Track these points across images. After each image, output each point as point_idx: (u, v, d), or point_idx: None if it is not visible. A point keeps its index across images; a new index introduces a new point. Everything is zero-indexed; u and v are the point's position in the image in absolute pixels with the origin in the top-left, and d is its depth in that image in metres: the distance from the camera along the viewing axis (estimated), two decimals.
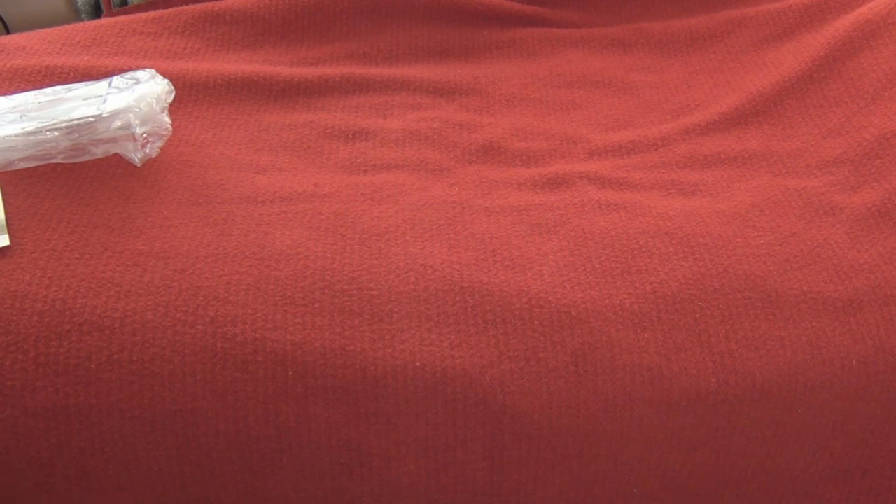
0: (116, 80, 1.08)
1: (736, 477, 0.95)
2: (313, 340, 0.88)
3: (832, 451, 0.95)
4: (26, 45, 1.26)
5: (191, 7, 1.36)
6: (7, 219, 0.97)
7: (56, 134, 1.01)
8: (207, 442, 0.87)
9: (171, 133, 1.06)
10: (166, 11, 1.35)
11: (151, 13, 1.35)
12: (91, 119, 1.02)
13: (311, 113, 1.20)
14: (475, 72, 1.29)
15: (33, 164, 1.02)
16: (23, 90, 1.13)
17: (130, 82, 1.07)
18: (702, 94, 1.25)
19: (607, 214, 1.03)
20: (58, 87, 1.10)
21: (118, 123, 1.02)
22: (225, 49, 1.31)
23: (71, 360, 0.86)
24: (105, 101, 1.04)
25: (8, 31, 1.88)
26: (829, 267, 0.97)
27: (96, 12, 1.87)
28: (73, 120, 1.02)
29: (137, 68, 1.12)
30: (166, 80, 1.08)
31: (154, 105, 1.04)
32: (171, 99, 1.08)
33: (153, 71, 1.10)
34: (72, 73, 1.18)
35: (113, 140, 1.03)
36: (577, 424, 0.89)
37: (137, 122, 1.02)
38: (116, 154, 1.05)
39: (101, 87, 1.08)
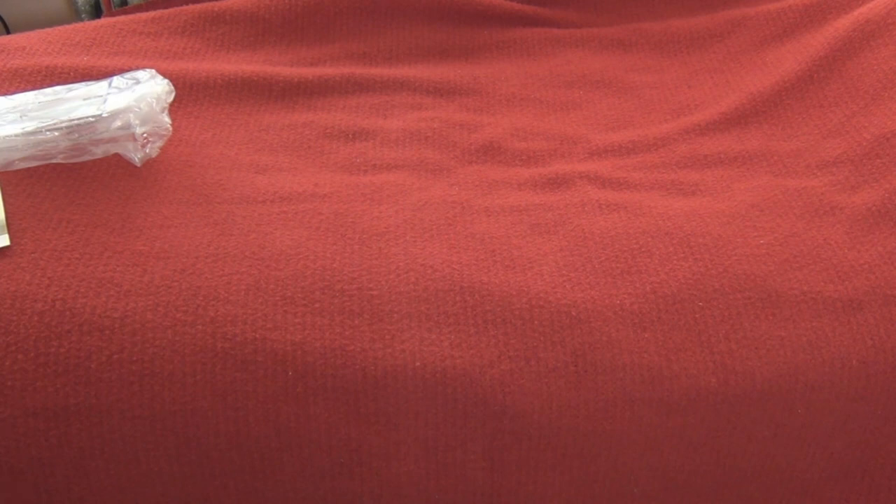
0: (116, 80, 1.08)
1: (736, 477, 0.95)
2: (313, 340, 0.88)
3: (832, 451, 0.95)
4: (26, 45, 1.26)
5: (191, 7, 1.36)
6: (7, 219, 0.97)
7: (56, 134, 1.01)
8: (207, 442, 0.87)
9: (171, 133, 1.07)
10: (166, 11, 1.35)
11: (151, 13, 1.35)
12: (91, 119, 1.02)
13: (311, 113, 1.20)
14: (475, 72, 1.29)
15: (33, 164, 1.03)
16: (23, 90, 1.13)
17: (130, 82, 1.07)
18: (702, 94, 1.25)
19: (607, 214, 1.03)
20: (58, 87, 1.10)
21: (118, 123, 1.02)
22: (225, 49, 1.31)
23: (71, 360, 0.86)
24: (105, 101, 1.04)
25: (8, 31, 1.88)
26: (829, 267, 0.97)
27: (96, 12, 1.87)
28: (73, 120, 1.02)
29: (137, 68, 1.12)
30: (166, 80, 1.08)
31: (154, 105, 1.04)
32: (171, 99, 1.08)
33: (153, 71, 1.10)
34: (72, 73, 1.18)
35: (113, 140, 1.03)
36: (577, 424, 0.89)
37: (137, 122, 1.02)
38: (116, 154, 1.05)
39: (101, 87, 1.08)
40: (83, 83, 1.10)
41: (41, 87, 1.14)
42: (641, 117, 1.22)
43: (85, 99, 1.05)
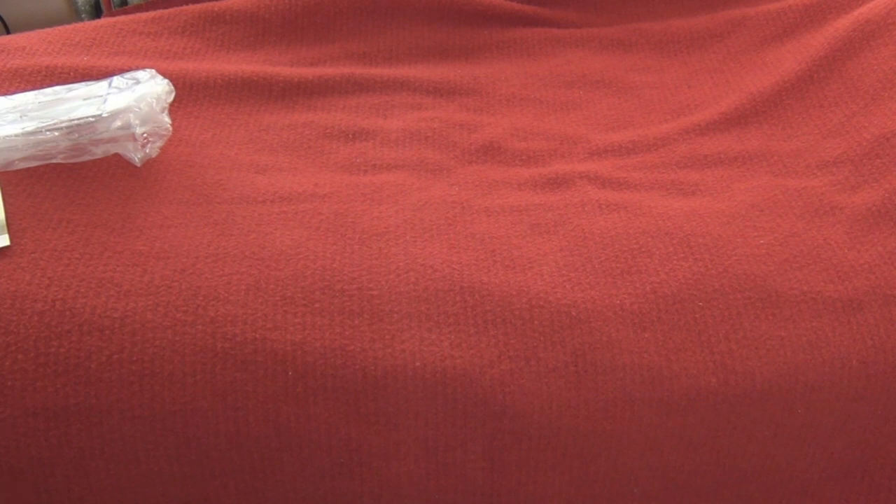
0: (116, 80, 1.08)
1: (736, 477, 0.95)
2: (313, 340, 0.88)
3: (832, 451, 0.95)
4: (26, 45, 1.26)
5: (191, 7, 1.36)
6: (7, 219, 0.97)
7: (56, 134, 1.01)
8: (207, 442, 0.87)
9: (171, 133, 1.07)
10: (166, 11, 1.35)
11: (151, 13, 1.35)
12: (91, 119, 1.02)
13: (311, 113, 1.20)
14: (475, 72, 1.29)
15: (33, 164, 1.03)
16: (23, 90, 1.13)
17: (130, 82, 1.07)
18: (702, 94, 1.25)
19: (607, 214, 1.03)
20: (58, 87, 1.10)
21: (118, 123, 1.02)
22: (225, 49, 1.31)
23: (71, 360, 0.86)
24: (105, 101, 1.04)
25: (8, 31, 1.88)
26: (829, 267, 0.97)
27: (96, 12, 1.87)
28: (73, 120, 1.02)
29: (137, 68, 1.12)
30: (166, 80, 1.08)
31: (154, 105, 1.04)
32: (171, 99, 1.08)
33: (153, 71, 1.10)
34: (72, 73, 1.18)
35: (113, 140, 1.03)
36: (577, 424, 0.89)
37: (137, 122, 1.02)
38: (116, 154, 1.05)
39: (101, 87, 1.08)
40: (83, 83, 1.10)
41: (41, 87, 1.14)
42: (641, 117, 1.22)
43: (85, 99, 1.05)
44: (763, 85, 1.22)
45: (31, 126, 1.01)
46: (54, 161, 1.03)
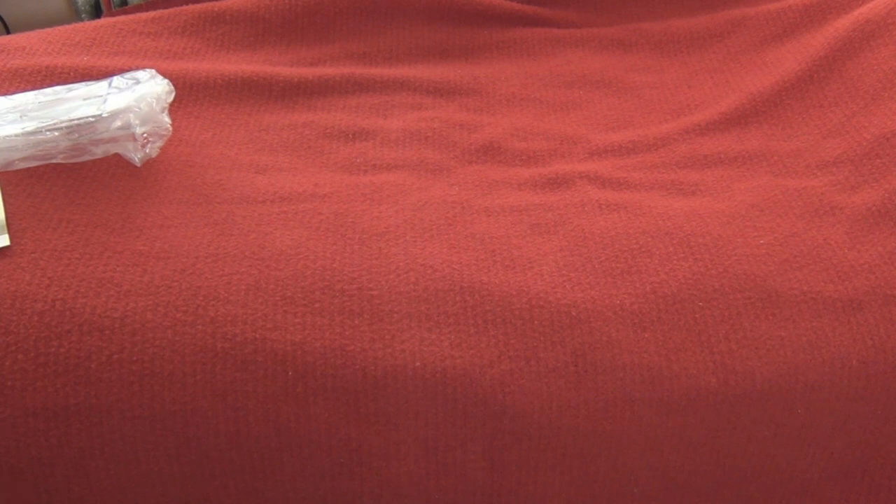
0: (116, 80, 1.08)
1: (736, 477, 0.95)
2: (313, 340, 0.88)
3: (832, 451, 0.95)
4: (26, 45, 1.26)
5: (191, 7, 1.36)
6: (7, 219, 0.97)
7: (56, 134, 1.01)
8: (207, 442, 0.87)
9: (171, 133, 1.07)
10: (166, 11, 1.35)
11: (151, 13, 1.35)
12: (91, 119, 1.02)
13: (311, 113, 1.20)
14: (475, 72, 1.29)
15: (33, 164, 1.03)
16: (23, 90, 1.13)
17: (130, 82, 1.07)
18: (702, 94, 1.25)
19: (607, 214, 1.03)
20: (58, 87, 1.10)
21: (118, 123, 1.02)
22: (225, 49, 1.31)
23: (71, 360, 0.86)
24: (105, 101, 1.04)
25: (8, 31, 1.88)
26: (829, 267, 0.97)
27: (96, 12, 1.87)
28: (73, 120, 1.02)
29: (137, 68, 1.12)
30: (166, 80, 1.08)
31: (154, 105, 1.04)
32: (171, 99, 1.08)
33: (153, 71, 1.10)
34: (72, 73, 1.18)
35: (113, 140, 1.03)
36: (577, 424, 0.89)
37: (137, 122, 1.02)
38: (116, 154, 1.05)
39: (101, 87, 1.08)
40: (83, 83, 1.10)
41: (41, 87, 1.14)
42: (641, 117, 1.22)
43: (85, 99, 1.05)
44: (763, 85, 1.22)
45: (31, 126, 1.02)
46: (54, 161, 1.03)
